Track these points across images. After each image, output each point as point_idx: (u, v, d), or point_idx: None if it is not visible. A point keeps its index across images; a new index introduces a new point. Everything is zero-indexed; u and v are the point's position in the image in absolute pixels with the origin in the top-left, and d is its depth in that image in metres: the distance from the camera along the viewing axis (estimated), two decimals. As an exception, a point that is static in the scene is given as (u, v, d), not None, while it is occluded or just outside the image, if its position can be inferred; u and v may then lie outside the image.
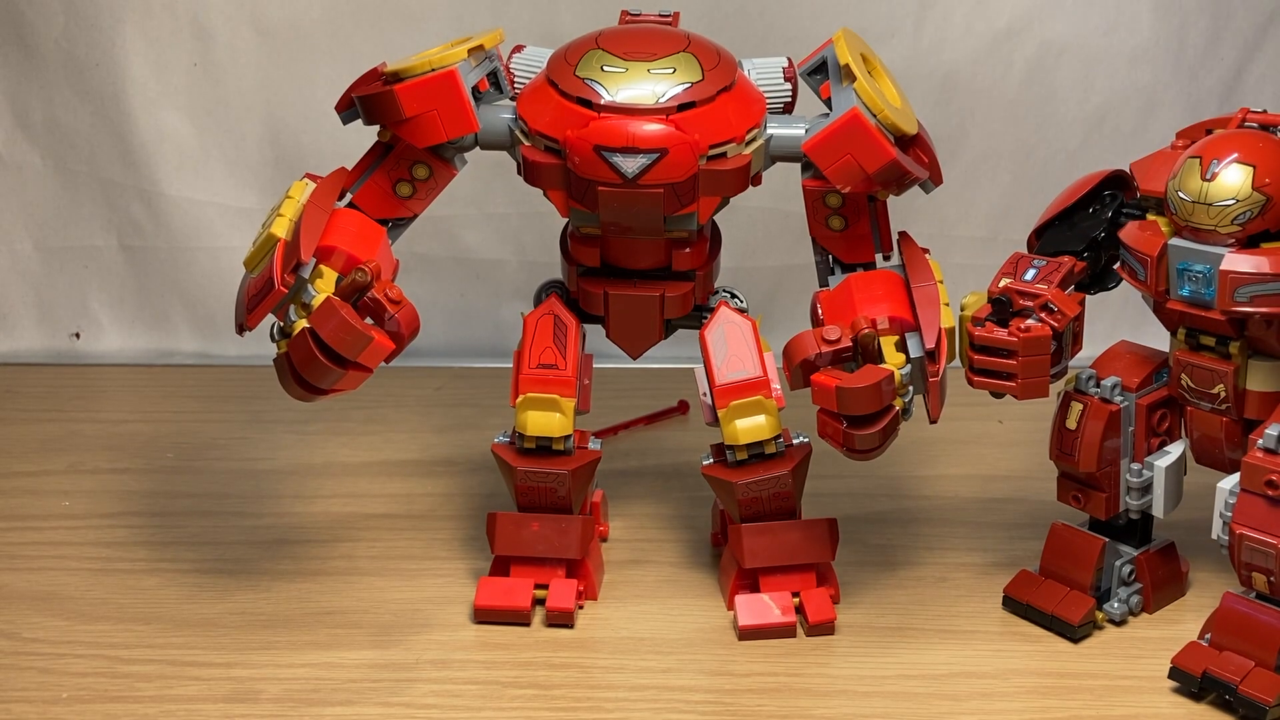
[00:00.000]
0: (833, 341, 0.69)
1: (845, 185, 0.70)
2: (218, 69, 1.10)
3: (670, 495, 0.90)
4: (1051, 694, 0.69)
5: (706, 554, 0.83)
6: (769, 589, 0.75)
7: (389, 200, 0.75)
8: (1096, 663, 0.72)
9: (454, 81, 0.70)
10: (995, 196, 1.13)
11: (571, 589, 0.75)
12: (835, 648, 0.74)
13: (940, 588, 0.79)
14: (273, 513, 0.88)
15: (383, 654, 0.72)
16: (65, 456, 0.95)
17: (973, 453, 0.97)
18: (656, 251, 0.74)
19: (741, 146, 0.70)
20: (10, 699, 0.68)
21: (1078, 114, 1.11)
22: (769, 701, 0.69)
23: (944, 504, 0.89)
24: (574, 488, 0.75)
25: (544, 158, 0.70)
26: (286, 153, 1.11)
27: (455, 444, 0.98)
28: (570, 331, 0.75)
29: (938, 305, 0.69)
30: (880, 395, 0.66)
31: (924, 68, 1.08)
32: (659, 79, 0.69)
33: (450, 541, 0.84)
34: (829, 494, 0.84)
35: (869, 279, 0.72)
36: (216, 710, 0.68)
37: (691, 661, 0.72)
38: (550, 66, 0.72)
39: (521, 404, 0.75)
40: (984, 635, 0.75)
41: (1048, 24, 1.09)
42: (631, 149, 0.68)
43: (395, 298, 0.70)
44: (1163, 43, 1.09)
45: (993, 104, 1.10)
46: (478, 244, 1.15)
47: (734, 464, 0.74)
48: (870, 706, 0.68)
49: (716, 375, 0.74)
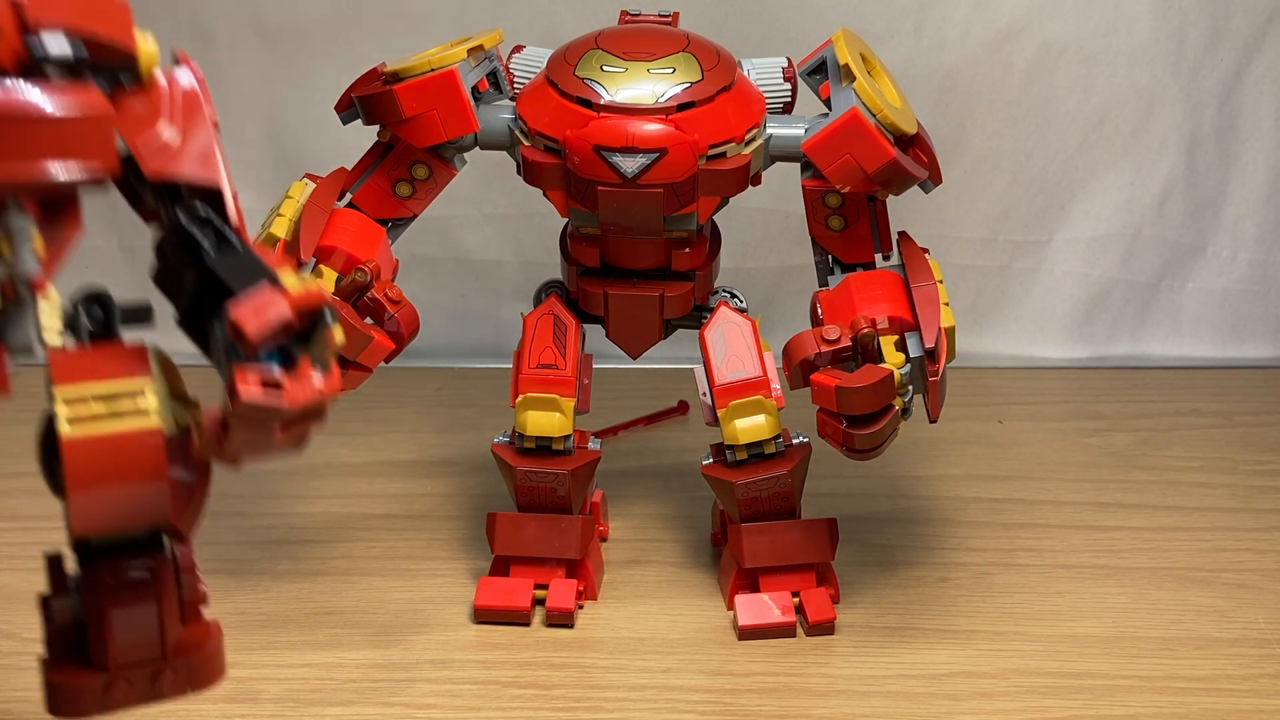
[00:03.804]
0: (832, 341, 0.69)
1: (845, 185, 0.70)
2: (218, 69, 1.10)
3: (670, 495, 0.90)
4: (1051, 694, 0.69)
5: (706, 554, 0.83)
6: (769, 589, 0.75)
7: (389, 200, 0.75)
8: (1096, 662, 0.72)
9: (454, 81, 0.71)
10: (995, 196, 1.13)
11: (571, 589, 0.75)
12: (835, 647, 0.74)
13: (940, 588, 0.79)
14: (273, 513, 0.88)
15: (383, 654, 0.72)
16: (65, 457, 0.95)
17: (973, 453, 0.97)
18: (656, 251, 0.74)
19: (741, 146, 0.70)
20: (10, 699, 0.68)
21: (1078, 114, 1.11)
22: (769, 701, 0.69)
23: (944, 504, 0.89)
24: (574, 488, 0.75)
25: (544, 158, 0.70)
26: (286, 153, 1.11)
27: (455, 444, 0.98)
28: (570, 331, 0.75)
29: (937, 305, 0.69)
30: (880, 395, 0.66)
31: (924, 68, 1.08)
32: (658, 79, 0.69)
33: (450, 541, 0.84)
34: (829, 494, 0.84)
35: (868, 279, 0.72)
36: (216, 710, 0.67)
37: (691, 661, 0.72)
38: (550, 66, 0.72)
39: (521, 404, 0.75)
40: (984, 635, 0.75)
41: (1048, 24, 1.09)
42: (631, 149, 0.68)
43: (395, 298, 0.70)
44: (1163, 43, 1.09)
45: (993, 104, 1.10)
46: (477, 244, 1.15)
47: (734, 464, 0.75)
48: (870, 706, 0.68)
49: (716, 375, 0.74)
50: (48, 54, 0.43)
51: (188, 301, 0.45)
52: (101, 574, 0.46)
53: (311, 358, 0.43)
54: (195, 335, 0.45)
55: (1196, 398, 1.08)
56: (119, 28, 0.45)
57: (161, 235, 0.46)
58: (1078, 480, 0.93)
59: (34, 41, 0.43)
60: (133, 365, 0.44)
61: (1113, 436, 1.01)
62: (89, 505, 0.44)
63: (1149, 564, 0.82)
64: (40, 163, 0.42)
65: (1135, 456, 0.97)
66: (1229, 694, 0.69)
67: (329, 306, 0.44)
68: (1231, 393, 1.09)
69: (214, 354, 0.44)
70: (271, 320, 0.42)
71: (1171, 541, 0.85)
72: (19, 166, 0.42)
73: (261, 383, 0.42)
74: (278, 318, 0.42)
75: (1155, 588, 0.80)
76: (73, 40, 0.43)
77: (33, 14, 0.43)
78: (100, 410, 0.44)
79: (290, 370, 0.42)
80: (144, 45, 0.45)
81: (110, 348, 0.46)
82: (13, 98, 0.42)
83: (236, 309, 0.42)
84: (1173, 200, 1.14)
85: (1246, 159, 1.13)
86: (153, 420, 0.44)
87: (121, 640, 0.47)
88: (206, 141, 0.47)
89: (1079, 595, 0.79)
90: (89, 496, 0.44)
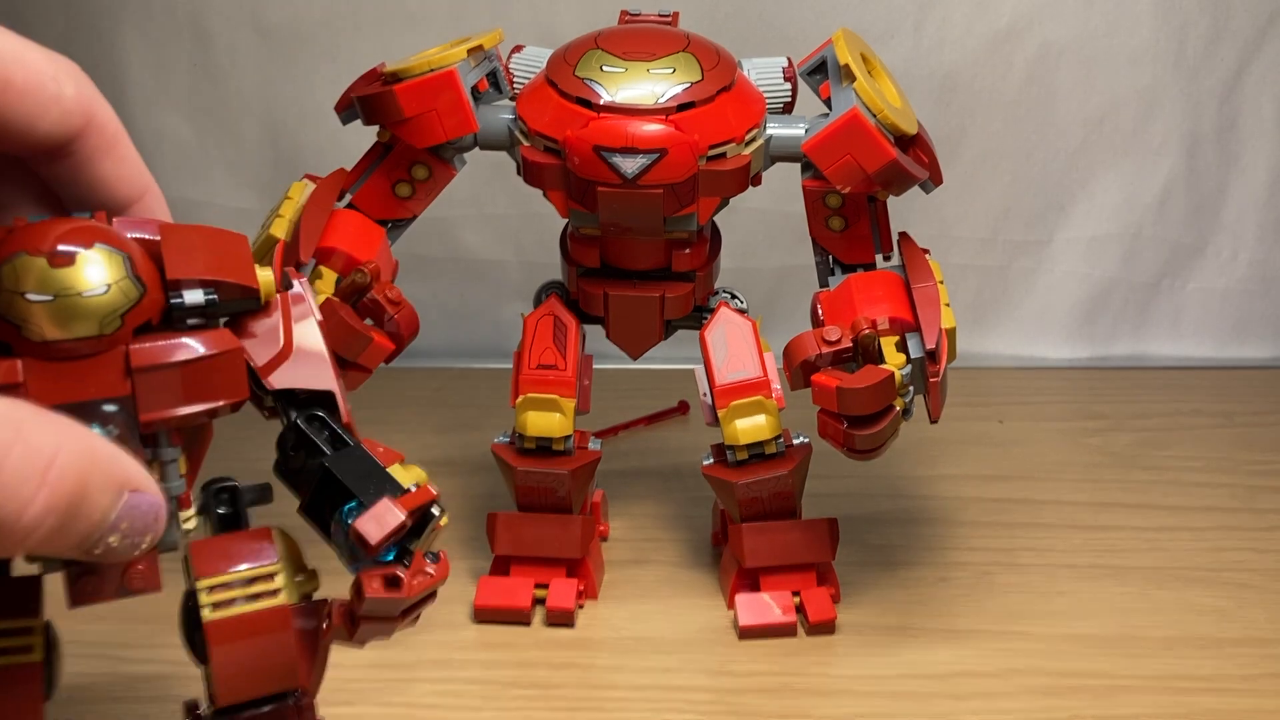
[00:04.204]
0: (833, 342, 0.69)
1: (845, 185, 0.70)
2: (217, 69, 1.10)
3: (670, 495, 0.90)
4: (1052, 693, 0.69)
5: (706, 554, 0.83)
6: (769, 588, 0.75)
7: (388, 201, 0.75)
8: (1098, 662, 0.72)
9: (453, 82, 0.70)
10: (995, 196, 1.13)
11: (572, 588, 0.75)
12: (836, 647, 0.74)
13: (941, 587, 0.79)
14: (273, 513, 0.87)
15: (383, 654, 0.72)
16: (65, 457, 0.95)
17: (973, 453, 0.97)
18: (656, 252, 0.74)
19: (741, 147, 0.70)
20: (10, 700, 0.68)
21: (1078, 114, 1.11)
22: (770, 701, 0.69)
23: (945, 504, 0.89)
24: (574, 488, 0.75)
25: (543, 158, 0.70)
26: (286, 153, 1.11)
27: (455, 444, 0.97)
28: (570, 332, 0.75)
29: (938, 305, 0.69)
30: (881, 396, 0.66)
31: (924, 68, 1.08)
32: (658, 79, 0.69)
33: (450, 541, 0.84)
34: (829, 494, 0.84)
35: (869, 279, 0.72)
36: (217, 711, 0.68)
37: (692, 661, 0.72)
38: (550, 66, 0.72)
39: (521, 404, 0.75)
40: (985, 634, 0.75)
41: (1048, 25, 1.09)
42: (631, 149, 0.68)
43: (395, 299, 0.70)
44: (1163, 43, 1.09)
45: (993, 104, 1.10)
46: (477, 244, 1.15)
47: (734, 464, 0.74)
48: (871, 706, 0.68)
49: (717, 376, 0.74)
50: (185, 306, 0.49)
51: (308, 495, 0.52)
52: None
53: (423, 549, 0.50)
54: (316, 522, 0.52)
55: (1197, 397, 1.08)
56: (242, 268, 0.51)
57: (282, 432, 0.53)
58: (1078, 480, 0.93)
59: (176, 299, 0.49)
60: (261, 550, 0.52)
61: (1113, 436, 1.01)
62: (232, 676, 0.50)
63: (1150, 564, 0.82)
64: (189, 404, 0.48)
65: (1136, 456, 0.97)
66: (1230, 694, 0.69)
67: (436, 502, 0.50)
68: (1232, 392, 1.09)
69: (334, 541, 0.51)
70: (390, 529, 0.48)
71: (1173, 541, 0.85)
72: (171, 409, 0.48)
73: (384, 582, 0.49)
74: (395, 525, 0.49)
75: (1156, 587, 0.79)
76: (207, 292, 0.49)
77: (171, 272, 0.49)
78: (238, 594, 0.50)
79: (405, 563, 0.49)
80: (263, 277, 0.51)
81: (241, 536, 0.52)
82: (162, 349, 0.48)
83: (359, 522, 0.48)
84: (1173, 200, 1.14)
85: (1247, 159, 1.13)
86: (282, 599, 0.51)
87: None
88: (317, 348, 0.53)
89: (1080, 595, 0.79)
90: (232, 669, 0.50)
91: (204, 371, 0.49)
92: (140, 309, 0.47)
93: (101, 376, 0.47)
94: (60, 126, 0.49)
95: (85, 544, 0.44)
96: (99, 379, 0.47)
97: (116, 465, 0.45)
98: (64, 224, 0.47)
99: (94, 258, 0.46)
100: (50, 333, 0.46)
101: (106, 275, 0.47)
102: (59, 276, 0.46)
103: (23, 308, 0.46)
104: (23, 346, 0.46)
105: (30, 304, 0.46)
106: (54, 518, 0.42)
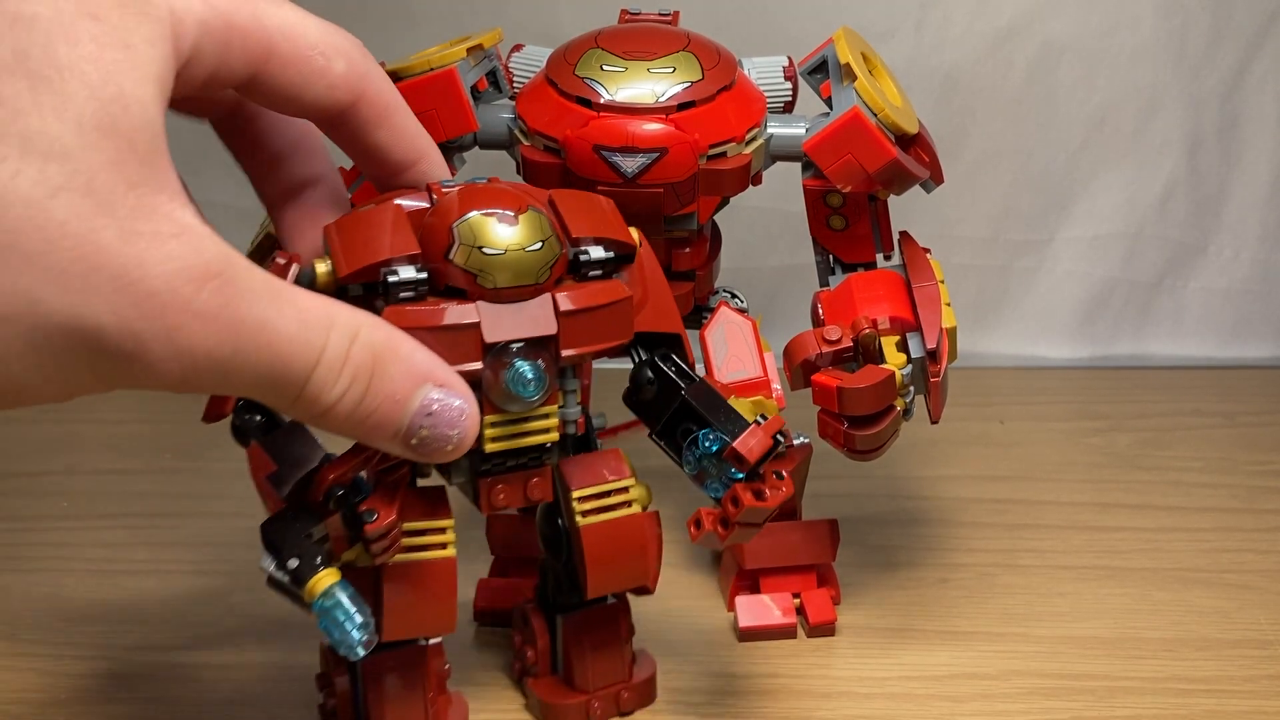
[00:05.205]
0: (833, 342, 0.68)
1: (846, 185, 0.70)
2: (217, 69, 1.10)
3: (670, 495, 0.90)
4: (1053, 695, 0.69)
5: (706, 555, 0.82)
6: (769, 590, 0.75)
7: (389, 200, 0.74)
8: (1098, 663, 0.72)
9: (453, 81, 0.70)
10: (996, 196, 1.13)
11: (572, 590, 0.75)
12: (836, 649, 0.73)
13: (940, 588, 0.79)
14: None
15: (382, 655, 0.72)
16: (64, 457, 0.95)
17: (973, 453, 0.96)
18: (656, 252, 0.74)
19: (741, 146, 0.70)
20: (10, 699, 0.68)
21: (1078, 114, 1.11)
22: (769, 703, 0.69)
23: (944, 504, 0.89)
24: (574, 488, 0.75)
25: (543, 157, 0.70)
26: (286, 153, 1.11)
27: (455, 444, 0.97)
28: (571, 331, 0.75)
29: (939, 305, 0.69)
30: (881, 396, 0.66)
31: (924, 67, 1.08)
32: (659, 78, 0.69)
33: (450, 542, 0.84)
34: (829, 494, 0.84)
35: (870, 279, 0.72)
36: (216, 710, 0.67)
37: (692, 662, 0.72)
38: (549, 66, 0.72)
39: (522, 404, 0.74)
40: (985, 636, 0.74)
41: (1048, 24, 1.08)
42: (631, 149, 0.68)
43: None
44: (1163, 43, 1.09)
45: (993, 104, 1.10)
46: (478, 244, 1.15)
47: (734, 464, 0.74)
48: (871, 707, 0.68)
49: (716, 375, 0.74)
50: (592, 260, 0.57)
51: (661, 422, 0.61)
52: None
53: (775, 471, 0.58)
54: (668, 446, 0.61)
55: (1198, 398, 1.08)
56: (619, 226, 0.59)
57: (635, 367, 0.62)
58: (1079, 480, 0.93)
59: (584, 254, 0.57)
60: (619, 467, 0.62)
61: (1114, 437, 1.00)
62: (601, 573, 0.62)
63: (1151, 564, 0.82)
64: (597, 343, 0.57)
65: (1137, 457, 0.97)
66: (1231, 695, 0.69)
67: (783, 430, 0.59)
68: (1233, 393, 1.09)
69: (685, 459, 0.60)
70: (760, 451, 0.58)
71: (1173, 542, 0.85)
72: (585, 346, 0.57)
73: (754, 494, 0.57)
74: (763, 448, 0.58)
75: (1157, 588, 0.79)
76: (606, 248, 0.58)
77: (574, 231, 0.57)
78: (606, 503, 0.62)
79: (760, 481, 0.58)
80: (635, 235, 0.60)
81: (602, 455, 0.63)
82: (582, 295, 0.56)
83: (739, 444, 0.58)
84: (1174, 199, 1.14)
85: (1248, 158, 1.13)
86: (635, 509, 0.62)
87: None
88: (665, 295, 0.61)
89: (1081, 596, 0.78)
90: (600, 567, 0.62)
91: (610, 316, 0.57)
92: (560, 262, 0.56)
93: (535, 318, 0.55)
94: (326, 98, 0.54)
95: (396, 429, 0.49)
96: (534, 320, 0.55)
97: (418, 359, 0.50)
98: (503, 189, 0.57)
99: (530, 219, 0.55)
100: (502, 280, 0.54)
101: (539, 233, 0.55)
102: (509, 234, 0.54)
103: (480, 260, 0.54)
104: (476, 292, 0.54)
105: (487, 257, 0.54)
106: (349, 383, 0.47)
